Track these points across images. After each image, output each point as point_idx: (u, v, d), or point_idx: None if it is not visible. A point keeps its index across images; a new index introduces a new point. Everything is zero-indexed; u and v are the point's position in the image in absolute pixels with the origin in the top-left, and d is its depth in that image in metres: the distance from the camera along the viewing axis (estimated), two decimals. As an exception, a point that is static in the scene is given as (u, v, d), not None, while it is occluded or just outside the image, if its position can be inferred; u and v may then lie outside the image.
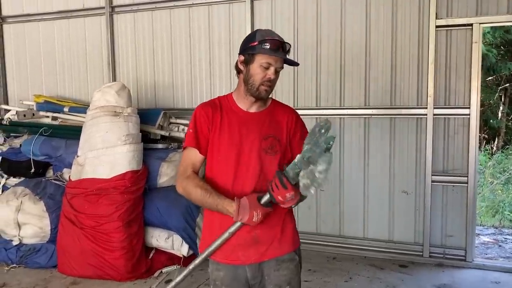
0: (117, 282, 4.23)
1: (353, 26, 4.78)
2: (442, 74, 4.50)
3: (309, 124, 4.97)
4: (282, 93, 5.09)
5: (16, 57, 6.47)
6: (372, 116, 4.79)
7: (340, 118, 4.91)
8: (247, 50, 2.05)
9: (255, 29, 5.01)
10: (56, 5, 6.10)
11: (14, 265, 4.60)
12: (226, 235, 2.00)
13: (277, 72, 2.06)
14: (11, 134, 5.57)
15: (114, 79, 5.83)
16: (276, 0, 5.05)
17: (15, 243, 4.62)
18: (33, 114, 5.56)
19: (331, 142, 1.87)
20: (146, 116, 5.12)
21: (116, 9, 5.78)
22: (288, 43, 2.09)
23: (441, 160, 4.58)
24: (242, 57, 2.08)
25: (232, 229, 1.99)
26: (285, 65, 2.10)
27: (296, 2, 4.98)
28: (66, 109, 5.49)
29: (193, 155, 2.11)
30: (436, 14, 4.42)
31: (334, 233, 5.05)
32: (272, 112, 2.17)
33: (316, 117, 4.99)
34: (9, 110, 5.89)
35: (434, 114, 4.51)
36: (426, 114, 4.54)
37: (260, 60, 2.02)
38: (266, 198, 1.94)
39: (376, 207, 4.86)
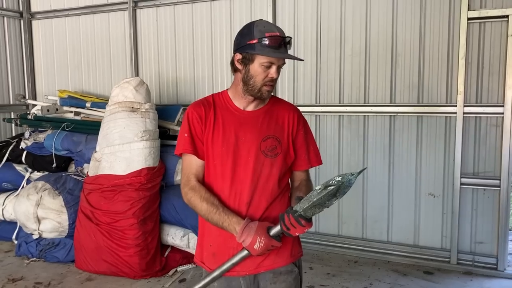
0: (131, 280, 4.19)
1: (379, 19, 4.55)
2: (473, 70, 4.21)
3: (331, 122, 4.81)
4: (304, 90, 4.93)
5: (44, 53, 6.57)
6: (398, 114, 4.55)
7: (364, 115, 4.70)
8: (245, 49, 1.86)
9: (277, 24, 4.93)
10: (82, 0, 6.13)
11: (34, 258, 4.65)
12: (228, 264, 1.87)
13: (278, 69, 1.90)
14: (39, 129, 5.63)
15: (137, 74, 5.82)
16: (299, -7, 4.88)
17: (35, 237, 4.66)
18: (57, 109, 5.60)
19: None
20: (165, 112, 5.07)
21: (139, 4, 5.74)
22: (289, 37, 1.90)
23: (471, 162, 4.30)
24: (239, 56, 1.89)
25: (236, 258, 1.86)
26: (304, 60, 1.96)
27: (320, -5, 4.80)
28: (88, 104, 5.51)
29: (193, 163, 1.96)
30: (468, 5, 4.13)
31: (357, 235, 4.85)
32: (272, 110, 1.99)
33: (339, 115, 4.80)
34: (35, 105, 5.98)
35: (464, 113, 4.23)
36: (455, 113, 4.26)
37: (260, 60, 1.84)
38: (276, 230, 1.80)
39: (401, 209, 4.63)
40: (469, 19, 4.14)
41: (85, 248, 4.36)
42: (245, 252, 1.82)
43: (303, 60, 2.00)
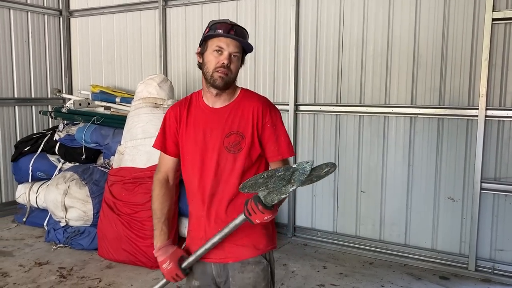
0: (148, 269, 4.34)
1: (402, 20, 4.49)
2: (497, 72, 4.10)
3: (352, 122, 4.77)
4: (325, 89, 4.95)
5: (81, 49, 6.87)
6: (419, 116, 4.48)
7: (385, 116, 4.66)
8: (201, 41, 2.00)
9: (300, 24, 4.98)
10: (116, -2, 6.40)
11: (61, 244, 4.89)
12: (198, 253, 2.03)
13: (232, 57, 1.94)
14: (73, 122, 5.91)
15: (165, 71, 5.99)
16: (322, -7, 4.89)
17: (62, 224, 4.91)
18: (89, 104, 5.86)
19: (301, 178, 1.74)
20: (188, 108, 5.20)
21: (169, 3, 5.91)
22: (242, 27, 1.98)
23: (492, 167, 4.19)
24: (198, 49, 2.02)
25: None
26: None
27: (343, -5, 4.79)
28: (118, 99, 5.74)
29: (164, 158, 2.16)
30: (493, 5, 4.01)
31: (374, 237, 4.82)
32: (238, 106, 2.03)
33: (360, 115, 4.78)
34: (70, 99, 6.27)
35: (486, 116, 4.12)
36: (477, 116, 4.15)
37: (211, 45, 1.93)
38: (241, 219, 1.87)
39: (419, 212, 4.57)
40: (493, 19, 4.02)
41: (107, 237, 4.56)
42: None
43: (252, 49, 2.02)
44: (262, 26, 5.24)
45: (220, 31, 1.91)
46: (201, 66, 2.01)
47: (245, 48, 1.99)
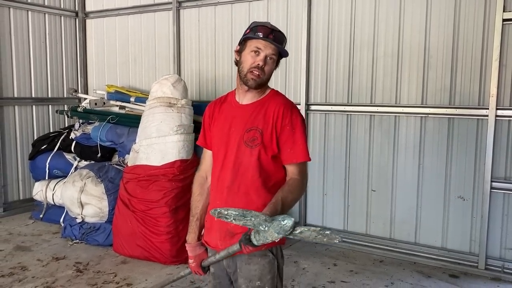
0: (162, 265, 4.44)
1: (412, 21, 4.54)
2: (508, 72, 4.12)
3: (363, 122, 4.80)
4: (336, 89, 5.01)
5: (96, 50, 7.01)
6: (429, 116, 4.52)
7: (395, 116, 4.71)
8: (241, 40, 2.10)
9: (312, 25, 5.05)
10: (131, 0, 6.50)
11: (77, 240, 5.02)
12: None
13: (267, 60, 2.02)
14: (89, 121, 6.03)
15: (179, 71, 6.10)
16: (334, -6, 4.96)
17: (78, 220, 5.03)
18: (104, 103, 5.97)
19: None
20: (201, 108, 5.29)
21: (183, 4, 6.02)
22: (281, 32, 2.08)
23: (503, 166, 4.22)
24: (237, 47, 2.13)
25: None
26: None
27: (354, -5, 4.84)
28: (132, 99, 5.84)
29: (205, 154, 2.29)
30: (503, 6, 4.04)
31: (384, 235, 4.87)
32: (263, 104, 2.11)
33: (371, 115, 4.83)
34: (85, 99, 6.40)
35: (497, 116, 4.15)
36: (487, 115, 4.19)
37: (250, 45, 2.04)
38: (209, 261, 2.19)
39: (429, 211, 4.60)
40: (504, 20, 4.05)
41: (122, 233, 4.67)
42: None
43: (287, 55, 2.11)
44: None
45: (260, 34, 2.01)
46: (237, 63, 2.12)
47: (281, 53, 2.08)
